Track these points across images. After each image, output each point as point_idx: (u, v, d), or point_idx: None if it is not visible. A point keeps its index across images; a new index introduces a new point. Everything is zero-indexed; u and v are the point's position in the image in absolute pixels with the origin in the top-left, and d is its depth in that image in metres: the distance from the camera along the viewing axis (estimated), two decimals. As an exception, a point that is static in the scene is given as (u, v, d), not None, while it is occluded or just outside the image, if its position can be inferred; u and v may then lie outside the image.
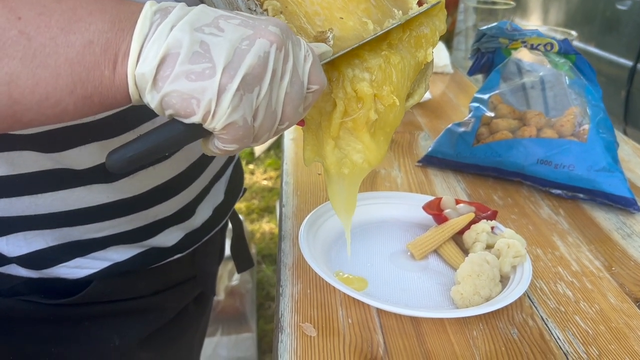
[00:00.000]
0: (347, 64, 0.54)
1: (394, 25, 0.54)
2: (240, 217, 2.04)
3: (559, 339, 0.59)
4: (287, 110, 0.43)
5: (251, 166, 3.11)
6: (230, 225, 0.88)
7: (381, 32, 0.54)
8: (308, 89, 0.44)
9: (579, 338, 0.60)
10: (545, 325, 0.61)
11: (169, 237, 0.66)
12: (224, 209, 0.76)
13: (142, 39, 0.38)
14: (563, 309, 0.64)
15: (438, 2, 0.59)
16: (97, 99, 0.40)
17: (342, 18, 0.55)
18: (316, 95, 0.45)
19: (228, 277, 1.82)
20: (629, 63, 2.33)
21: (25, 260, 0.58)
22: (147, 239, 0.64)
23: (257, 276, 2.10)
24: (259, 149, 3.14)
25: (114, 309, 0.65)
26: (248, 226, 2.50)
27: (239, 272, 0.94)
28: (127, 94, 0.40)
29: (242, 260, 0.92)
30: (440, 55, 1.61)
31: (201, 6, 0.41)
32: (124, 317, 0.66)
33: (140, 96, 0.40)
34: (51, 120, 0.40)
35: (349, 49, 0.51)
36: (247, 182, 2.96)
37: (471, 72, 1.05)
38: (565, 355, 0.57)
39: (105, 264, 0.61)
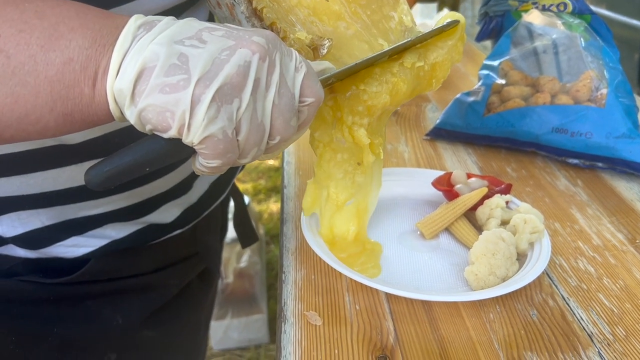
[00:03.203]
0: (349, 104, 0.53)
1: (405, 43, 0.52)
2: (247, 197, 2.03)
3: (582, 319, 0.55)
4: (277, 124, 0.41)
5: (257, 146, 3.07)
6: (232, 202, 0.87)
7: (389, 49, 0.51)
8: (302, 101, 0.42)
9: (604, 318, 0.56)
10: (566, 305, 0.57)
11: (166, 214, 0.65)
12: (222, 183, 0.74)
13: (123, 54, 0.37)
14: (585, 287, 0.60)
15: (456, 23, 0.56)
16: (78, 116, 0.39)
17: (327, 0, 0.52)
18: (312, 109, 0.43)
19: (236, 259, 1.79)
20: (642, 25, 2.25)
21: (22, 240, 0.58)
22: (145, 215, 0.63)
23: (266, 257, 2.08)
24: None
25: (115, 287, 0.64)
26: (255, 207, 2.47)
27: (243, 247, 0.93)
28: (108, 110, 0.39)
29: (246, 236, 0.91)
30: (446, 23, 1.55)
31: (187, 19, 0.39)
32: (126, 296, 0.65)
33: (122, 113, 0.39)
34: (33, 136, 0.40)
35: (353, 65, 0.49)
36: (253, 162, 2.92)
37: (479, 37, 1.00)
38: (590, 336, 0.53)
39: (103, 242, 0.61)
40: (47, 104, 0.38)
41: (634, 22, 2.29)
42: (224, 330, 1.75)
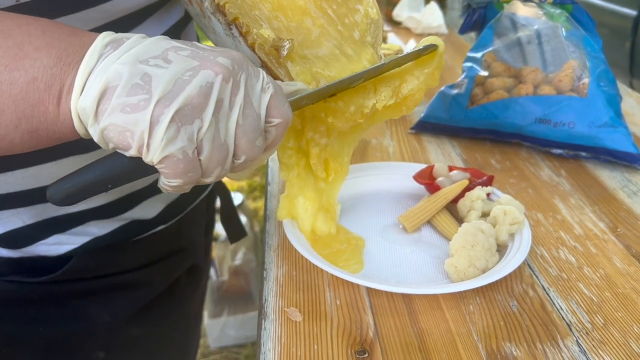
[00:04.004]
0: (313, 123, 0.54)
1: (380, 66, 0.53)
2: (242, 195, 2.02)
3: (562, 309, 0.56)
4: (242, 144, 0.41)
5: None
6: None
7: (364, 72, 0.52)
8: (269, 122, 0.42)
9: (583, 307, 0.56)
10: (546, 295, 0.58)
11: (148, 209, 0.65)
12: None
13: (88, 72, 0.38)
14: (565, 276, 0.60)
15: (434, 47, 0.55)
16: (44, 133, 0.40)
17: None
18: (280, 129, 0.43)
19: (231, 257, 1.80)
20: (632, 12, 2.24)
21: (3, 240, 0.58)
22: (127, 211, 0.63)
23: (261, 253, 2.08)
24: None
25: (101, 285, 0.64)
26: (250, 204, 2.47)
27: (231, 242, 0.94)
28: (73, 128, 0.39)
29: (234, 231, 0.91)
30: (434, 16, 1.55)
31: (157, 37, 0.40)
32: (112, 293, 0.65)
33: (86, 130, 0.39)
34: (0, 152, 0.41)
35: (326, 87, 0.49)
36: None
37: (462, 30, 1.00)
38: (568, 325, 0.54)
39: (85, 239, 0.61)
40: (12, 122, 0.38)
41: (625, 10, 2.29)
42: (221, 328, 1.75)
